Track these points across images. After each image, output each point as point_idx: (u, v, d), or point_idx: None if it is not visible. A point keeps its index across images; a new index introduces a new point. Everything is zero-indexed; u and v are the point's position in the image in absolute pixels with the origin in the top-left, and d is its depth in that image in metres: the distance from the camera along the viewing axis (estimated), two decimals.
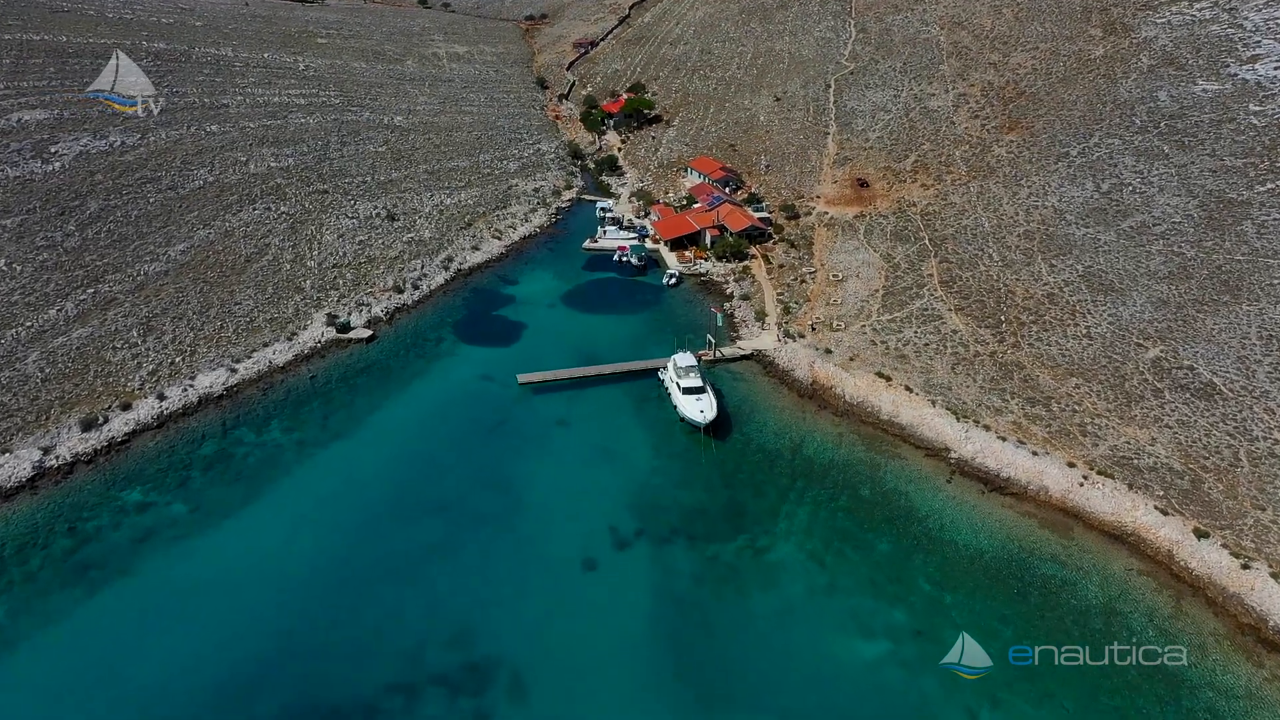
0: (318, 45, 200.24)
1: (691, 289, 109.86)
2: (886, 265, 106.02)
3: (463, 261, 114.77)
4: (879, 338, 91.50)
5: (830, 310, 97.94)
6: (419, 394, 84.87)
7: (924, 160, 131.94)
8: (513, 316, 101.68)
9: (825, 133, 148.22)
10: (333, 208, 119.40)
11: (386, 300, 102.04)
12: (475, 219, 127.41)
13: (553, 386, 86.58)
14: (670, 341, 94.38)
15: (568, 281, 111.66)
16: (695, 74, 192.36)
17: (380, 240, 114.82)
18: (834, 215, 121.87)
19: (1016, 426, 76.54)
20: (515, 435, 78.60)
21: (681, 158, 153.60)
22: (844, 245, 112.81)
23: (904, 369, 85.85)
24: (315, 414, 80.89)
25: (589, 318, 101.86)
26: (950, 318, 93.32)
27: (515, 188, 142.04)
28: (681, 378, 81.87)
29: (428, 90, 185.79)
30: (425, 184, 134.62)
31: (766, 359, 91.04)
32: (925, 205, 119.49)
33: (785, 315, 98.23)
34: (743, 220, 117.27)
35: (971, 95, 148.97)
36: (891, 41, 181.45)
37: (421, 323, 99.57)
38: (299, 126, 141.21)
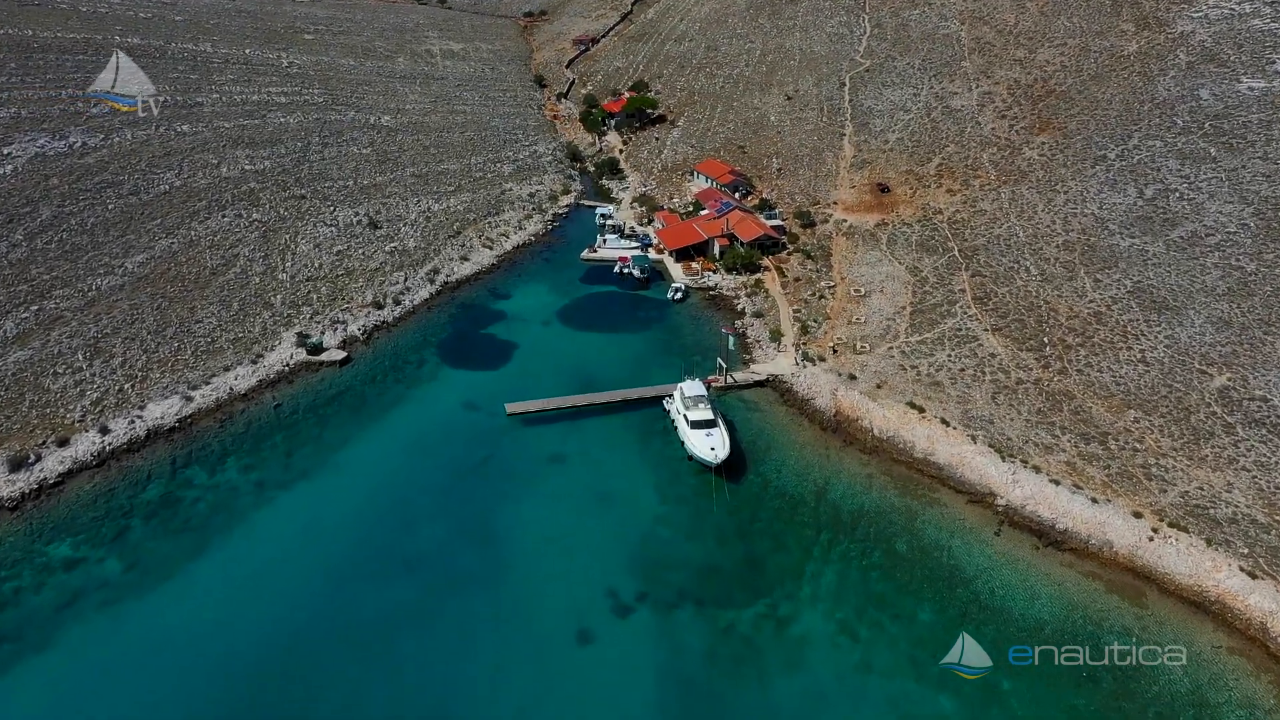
0: (304, 41, 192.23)
1: (699, 304, 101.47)
2: (913, 279, 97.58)
3: (450, 274, 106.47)
4: (908, 362, 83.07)
5: (853, 330, 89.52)
6: (395, 426, 76.58)
7: (949, 163, 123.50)
8: (503, 335, 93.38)
9: (841, 133, 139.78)
10: (310, 214, 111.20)
11: (364, 317, 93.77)
12: (465, 226, 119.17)
13: (545, 417, 78.27)
14: (676, 365, 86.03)
15: (564, 296, 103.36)
16: (701, 71, 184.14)
17: (360, 250, 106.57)
18: (853, 223, 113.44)
19: (1070, 468, 68.01)
20: (502, 475, 70.27)
21: (687, 160, 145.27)
22: (865, 256, 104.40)
23: (938, 398, 77.40)
24: (278, 450, 72.59)
25: (587, 337, 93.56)
26: (987, 339, 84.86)
27: (509, 192, 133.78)
28: (690, 409, 73.53)
29: (419, 89, 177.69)
30: (412, 188, 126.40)
31: (783, 385, 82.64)
32: (953, 212, 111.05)
33: (803, 335, 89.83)
34: (754, 229, 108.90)
35: (997, 94, 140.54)
36: (909, 37, 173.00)
37: (402, 342, 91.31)
38: (278, 126, 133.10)
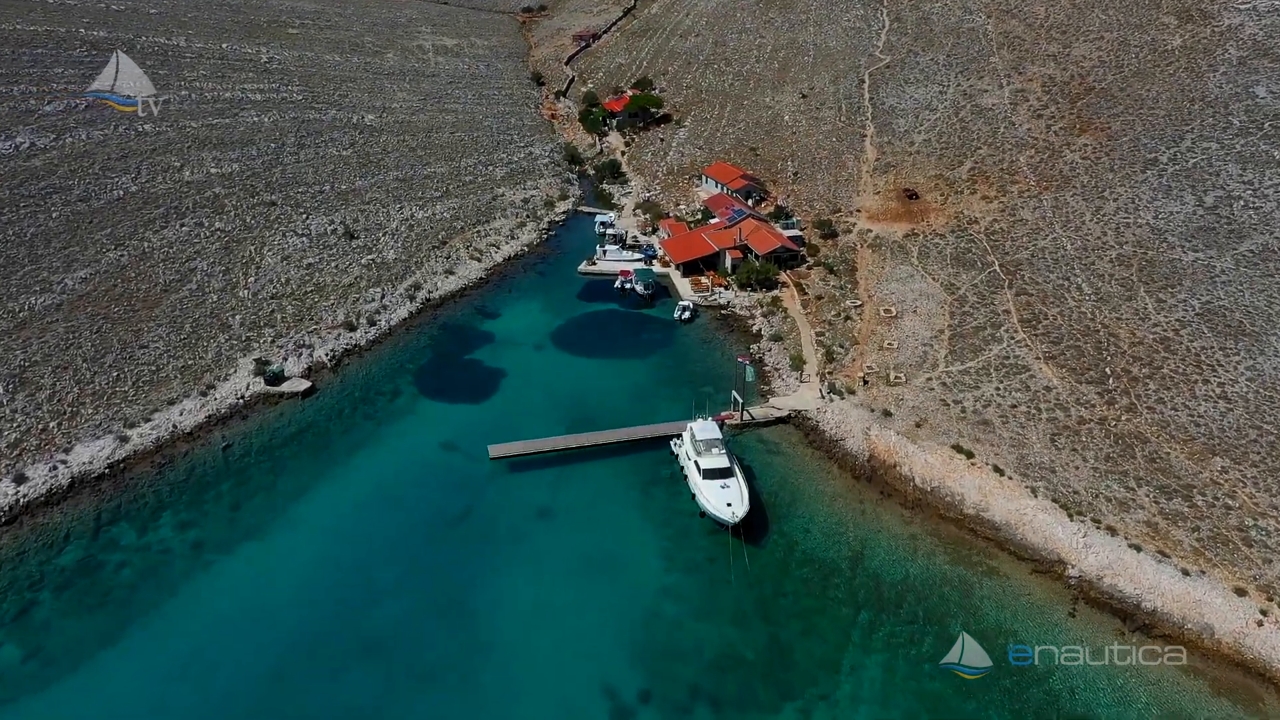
0: (287, 36, 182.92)
1: (709, 325, 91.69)
2: (950, 298, 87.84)
3: (432, 289, 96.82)
4: (951, 396, 73.29)
5: (885, 357, 79.77)
6: (361, 471, 66.91)
7: (982, 167, 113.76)
8: (489, 361, 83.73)
9: (862, 134, 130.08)
10: (280, 223, 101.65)
11: (334, 340, 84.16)
12: (451, 236, 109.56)
13: (534, 461, 68.56)
14: (685, 397, 76.42)
15: (559, 315, 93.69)
16: (709, 68, 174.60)
17: (333, 263, 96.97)
18: (879, 233, 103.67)
19: (1152, 529, 58.22)
20: (482, 534, 60.60)
21: (694, 163, 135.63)
22: (894, 271, 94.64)
23: (988, 441, 67.61)
24: (222, 502, 62.95)
25: (583, 363, 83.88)
26: (1040, 369, 75.08)
27: (501, 198, 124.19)
28: (702, 454, 63.83)
29: (408, 86, 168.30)
30: (394, 194, 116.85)
31: (808, 423, 72.86)
32: (990, 222, 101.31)
33: (828, 363, 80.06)
34: (770, 239, 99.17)
35: (1031, 91, 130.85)
36: (931, 31, 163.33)
37: (375, 369, 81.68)
38: (250, 126, 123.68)
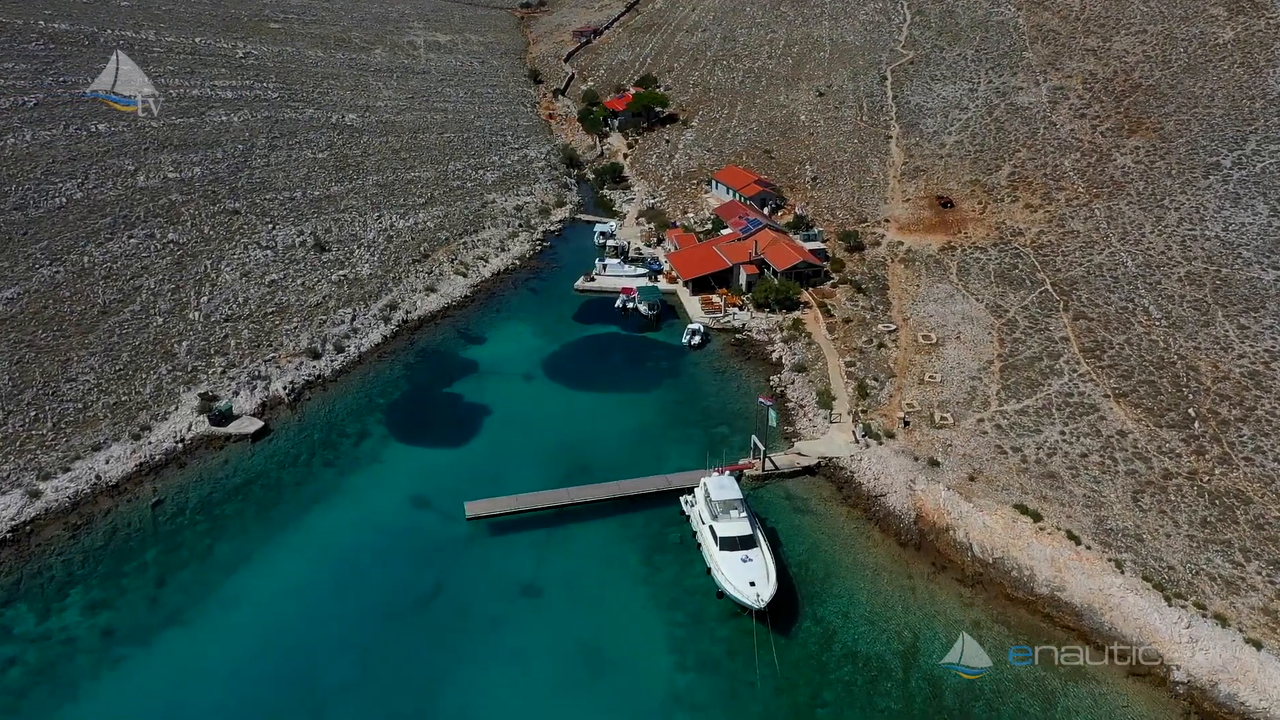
0: (268, 31, 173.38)
1: (723, 352, 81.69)
2: (997, 322, 77.82)
3: (411, 309, 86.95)
4: (1008, 441, 63.23)
5: (927, 393, 69.73)
6: (315, 535, 57.02)
7: (1023, 172, 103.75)
8: (471, 395, 73.83)
9: (887, 135, 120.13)
10: (242, 234, 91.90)
11: (294, 370, 74.31)
12: (435, 248, 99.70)
13: (519, 521, 58.64)
14: (695, 441, 66.57)
15: (552, 339, 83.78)
16: (717, 65, 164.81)
17: (300, 280, 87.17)
18: (912, 246, 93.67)
19: (1272, 619, 48.15)
20: (453, 618, 50.68)
21: (703, 166, 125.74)
22: (932, 291, 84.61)
23: (1058, 499, 57.55)
24: (146, 575, 53.13)
25: (579, 398, 73.95)
26: (1111, 410, 65.01)
27: (491, 205, 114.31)
28: (719, 518, 53.89)
29: (395, 83, 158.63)
30: (373, 200, 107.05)
31: (841, 474, 62.81)
32: (1036, 234, 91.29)
33: (862, 400, 70.01)
34: (790, 254, 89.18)
35: (1071, 89, 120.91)
36: (957, 25, 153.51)
37: (340, 405, 71.81)
38: (218, 126, 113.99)
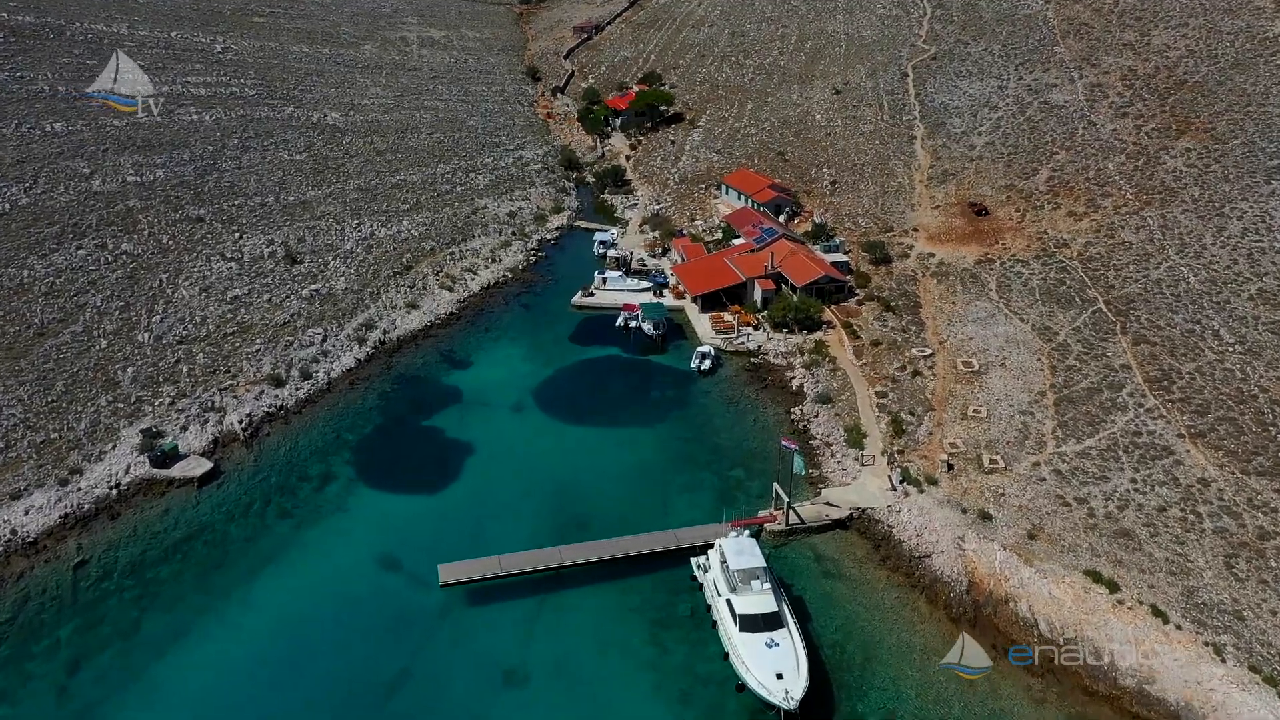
0: (252, 25, 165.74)
1: (736, 378, 73.51)
2: (1046, 346, 69.59)
3: (389, 329, 78.94)
4: (1071, 490, 55.01)
5: (972, 430, 61.50)
6: (262, 606, 48.95)
7: (1063, 176, 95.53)
8: (453, 430, 65.75)
9: (911, 136, 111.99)
10: (205, 244, 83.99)
11: (253, 400, 66.30)
12: (418, 259, 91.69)
13: (501, 586, 50.56)
14: (708, 485, 58.54)
15: (546, 363, 75.71)
16: (725, 61, 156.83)
17: (266, 295, 79.19)
18: (944, 259, 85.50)
19: None
20: (420, 715, 42.54)
21: (711, 170, 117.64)
22: (970, 309, 76.41)
23: (1135, 563, 49.31)
24: (56, 660, 45.07)
25: (574, 433, 65.84)
26: (1188, 453, 56.77)
27: (483, 211, 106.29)
28: (738, 590, 45.79)
29: (383, 81, 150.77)
30: (353, 206, 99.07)
31: (877, 528, 54.61)
32: (1083, 245, 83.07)
33: (897, 438, 61.78)
34: (810, 267, 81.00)
35: (1110, 86, 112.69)
36: (981, 18, 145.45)
37: (303, 442, 63.77)
38: (187, 125, 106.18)
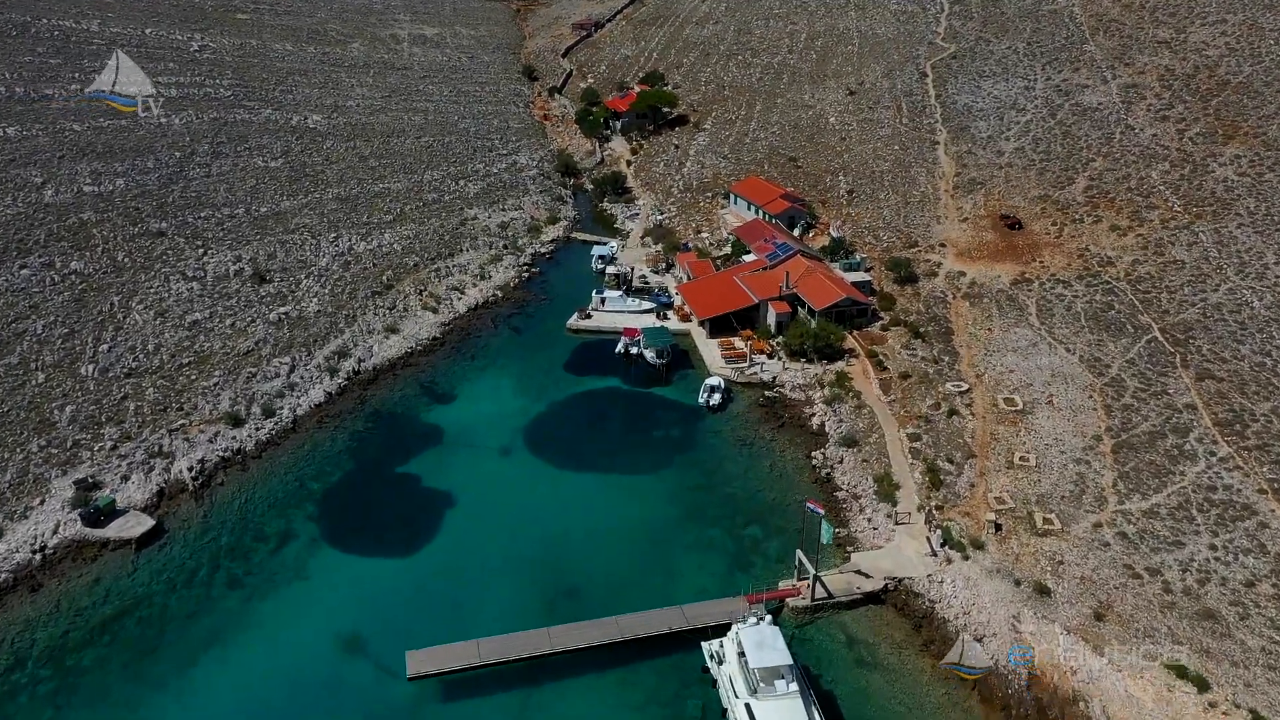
0: (234, 21, 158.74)
1: (749, 414, 66.34)
2: (1098, 381, 62.46)
3: (364, 357, 71.88)
4: (1140, 557, 47.90)
5: (1020, 481, 54.40)
6: (198, 702, 41.90)
7: (1102, 185, 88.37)
8: (432, 478, 58.69)
9: (933, 141, 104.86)
10: (165, 261, 77.02)
11: (207, 443, 59.25)
12: (400, 277, 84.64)
13: (478, 679, 43.50)
14: (720, 547, 51.58)
15: (537, 396, 68.67)
16: (732, 60, 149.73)
17: (230, 320, 72.16)
18: (976, 278, 78.42)
19: None
20: None
21: (718, 176, 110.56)
22: (1008, 337, 69.29)
23: (1225, 652, 42.16)
24: None
25: (568, 481, 58.77)
26: (1273, 512, 49.63)
27: (472, 223, 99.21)
28: (759, 693, 38.80)
29: (371, 80, 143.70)
30: (331, 218, 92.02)
31: (917, 602, 47.49)
32: (1130, 264, 75.96)
33: (934, 490, 54.68)
34: (830, 288, 73.84)
35: (1146, 87, 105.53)
36: (1003, 14, 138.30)
37: (260, 493, 56.74)
38: (154, 129, 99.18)
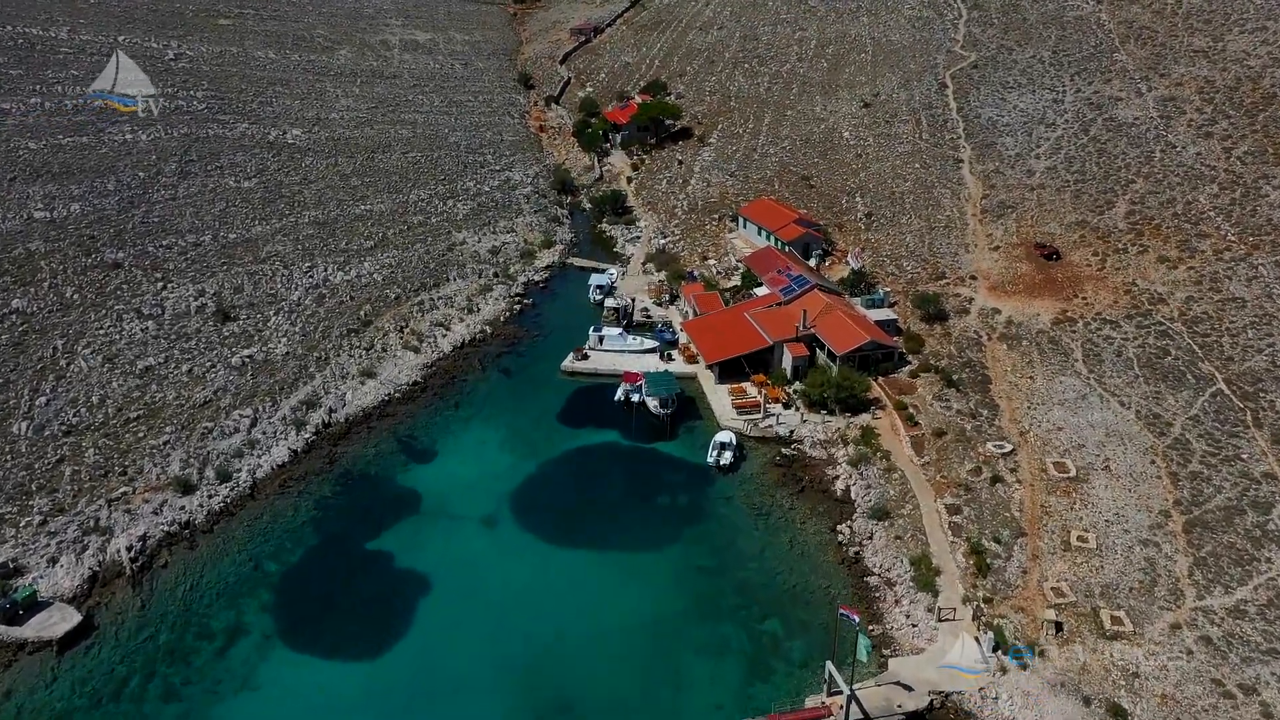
0: (216, 28, 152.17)
1: (764, 475, 59.44)
2: (1160, 442, 55.63)
3: (336, 406, 65.07)
4: (1230, 671, 41.07)
5: (1080, 568, 47.56)
6: None
7: (1145, 210, 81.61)
8: (406, 556, 51.89)
9: (956, 158, 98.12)
10: (118, 298, 70.27)
11: (151, 515, 52.52)
12: (379, 311, 77.90)
13: None
14: (735, 648, 44.92)
15: (527, 453, 61.83)
16: (738, 68, 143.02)
17: (187, 365, 65.41)
18: (1012, 316, 71.58)
19: None
20: None
21: (725, 196, 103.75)
22: (1054, 387, 62.42)
23: None
24: None
25: (560, 560, 51.98)
26: None
27: (460, 248, 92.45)
28: None
29: (357, 90, 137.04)
30: (306, 245, 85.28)
31: None
32: (1183, 301, 69.13)
33: (981, 577, 47.86)
34: (853, 330, 66.96)
35: (1185, 100, 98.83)
36: (1024, 21, 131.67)
37: (209, 577, 49.95)
38: (117, 147, 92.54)
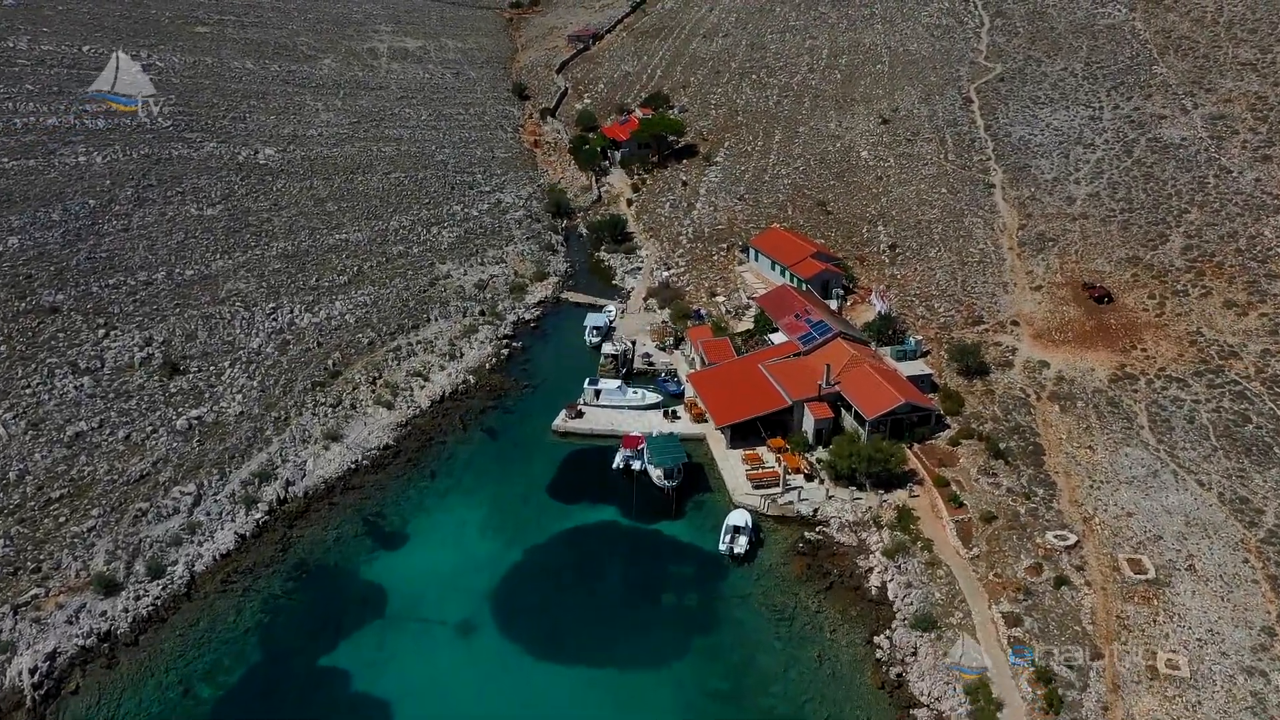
0: (192, 36, 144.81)
1: (784, 564, 51.57)
2: (1251, 535, 47.91)
3: (293, 479, 57.26)
4: None
5: (1172, 705, 39.71)
6: None
7: (1204, 245, 73.90)
8: (366, 677, 44.09)
9: (988, 183, 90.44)
10: (52, 349, 62.64)
11: (64, 626, 44.79)
12: (350, 360, 70.18)
13: None
14: None
15: (512, 537, 54.00)
16: (745, 79, 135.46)
17: (124, 430, 57.71)
18: (1062, 370, 63.81)
19: None
20: None
21: (734, 223, 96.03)
22: (1117, 460, 54.64)
23: None
24: None
25: (546, 680, 44.14)
26: None
27: (444, 283, 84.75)
28: None
29: (339, 103, 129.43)
30: (271, 282, 77.58)
31: None
32: (1259, 355, 61.36)
33: (1049, 713, 40.05)
34: (885, 390, 59.09)
35: (1236, 118, 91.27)
36: (1052, 30, 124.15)
37: (127, 706, 42.11)
38: (68, 171, 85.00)
